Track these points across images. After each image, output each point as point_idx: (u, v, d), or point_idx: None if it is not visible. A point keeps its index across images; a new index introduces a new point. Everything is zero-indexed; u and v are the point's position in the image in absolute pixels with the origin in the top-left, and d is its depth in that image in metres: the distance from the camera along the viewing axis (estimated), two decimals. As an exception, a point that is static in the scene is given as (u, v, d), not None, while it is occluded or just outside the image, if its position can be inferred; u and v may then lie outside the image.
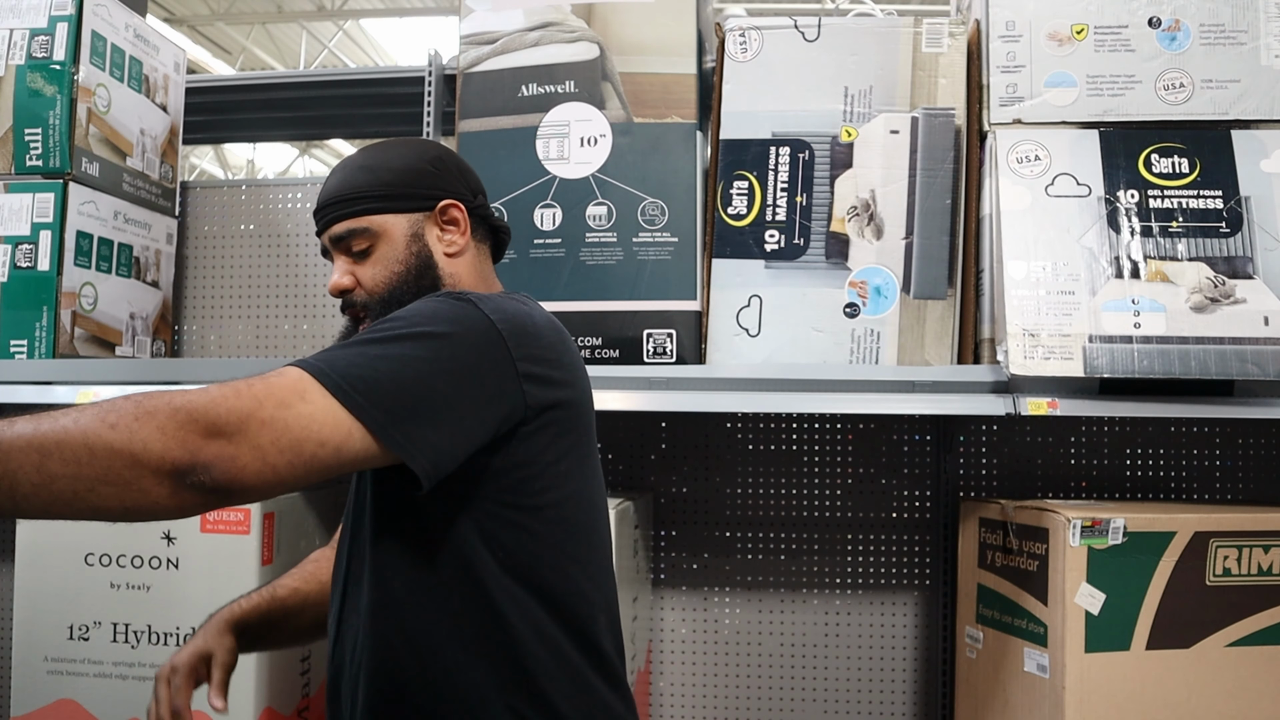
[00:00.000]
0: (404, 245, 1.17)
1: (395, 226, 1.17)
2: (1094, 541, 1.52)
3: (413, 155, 1.20)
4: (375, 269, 1.17)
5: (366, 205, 1.17)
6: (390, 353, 0.93)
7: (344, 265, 1.18)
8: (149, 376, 1.86)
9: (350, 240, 1.17)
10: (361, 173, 1.18)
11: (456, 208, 1.20)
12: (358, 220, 1.16)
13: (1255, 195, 1.63)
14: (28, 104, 1.86)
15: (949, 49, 1.77)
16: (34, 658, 1.74)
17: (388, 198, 1.17)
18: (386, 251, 1.17)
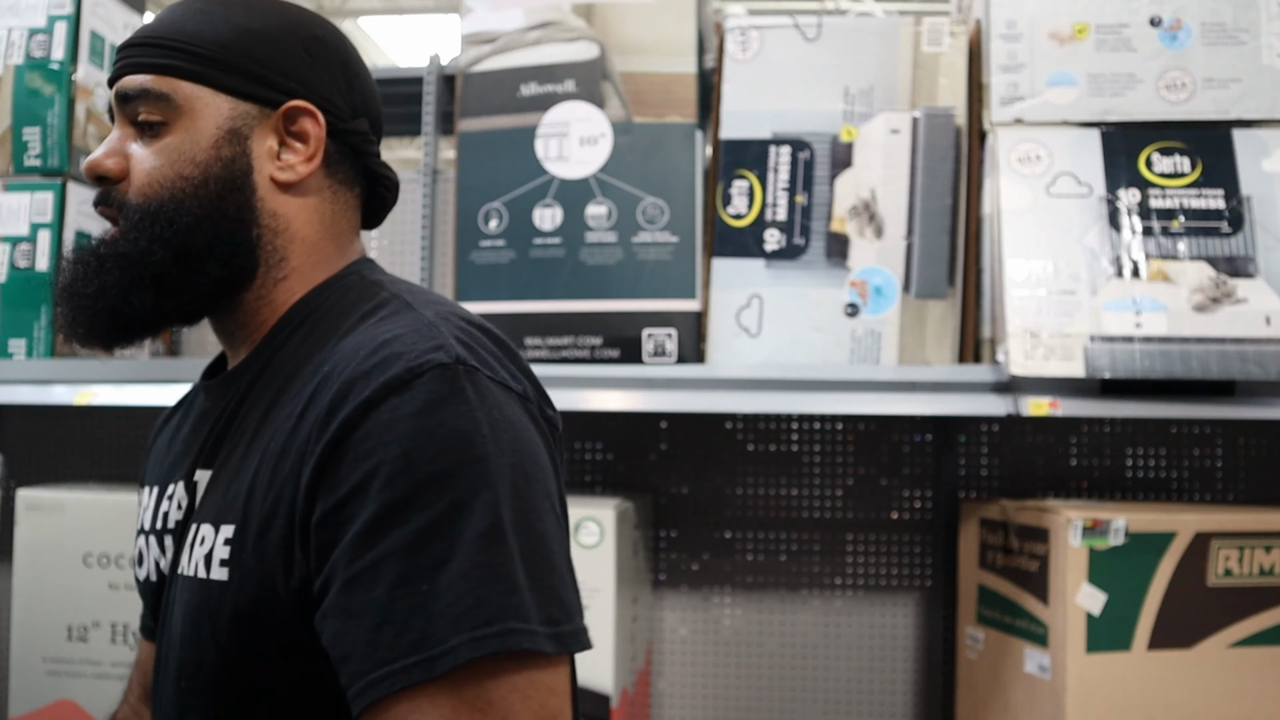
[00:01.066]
0: (212, 137, 0.79)
1: (209, 108, 0.79)
2: (1095, 542, 1.51)
3: (281, 23, 0.82)
4: (162, 159, 0.79)
5: (180, 62, 0.78)
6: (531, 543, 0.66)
7: (120, 139, 0.82)
8: (149, 376, 1.86)
9: (139, 103, 0.79)
10: (198, 18, 0.80)
11: (312, 116, 0.82)
12: (160, 79, 0.79)
13: (1257, 195, 1.62)
14: (26, 103, 1.86)
15: (949, 48, 1.76)
16: (33, 658, 1.74)
17: (214, 62, 0.79)
18: (184, 139, 0.79)
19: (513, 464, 0.67)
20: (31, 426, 2.27)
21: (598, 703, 1.63)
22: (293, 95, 0.81)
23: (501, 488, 0.65)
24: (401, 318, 0.75)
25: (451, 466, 0.64)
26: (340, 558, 0.64)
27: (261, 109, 0.81)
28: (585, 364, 1.76)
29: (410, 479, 0.64)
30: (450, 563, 0.62)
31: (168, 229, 0.77)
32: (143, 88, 0.79)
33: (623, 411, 1.70)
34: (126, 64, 0.81)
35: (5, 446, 2.28)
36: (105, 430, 2.25)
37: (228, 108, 0.80)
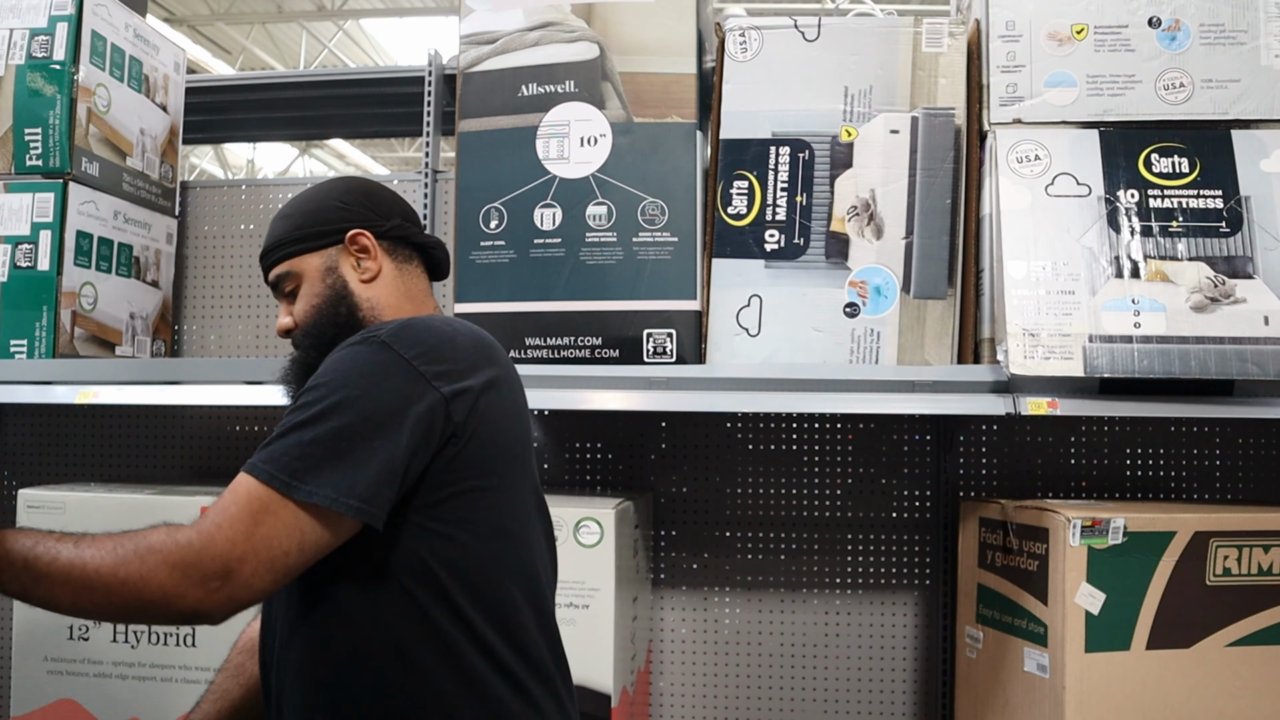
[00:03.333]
0: (320, 279, 1.25)
1: (311, 264, 1.26)
2: (1094, 541, 1.52)
3: (322, 195, 1.29)
4: (301, 305, 1.26)
5: (286, 250, 1.26)
6: (321, 433, 1.02)
7: (284, 307, 1.28)
8: (149, 376, 1.86)
9: (282, 284, 1.27)
10: (281, 221, 1.28)
11: (364, 235, 1.26)
12: (281, 265, 1.27)
13: (1255, 195, 1.63)
14: (28, 104, 1.86)
15: (949, 49, 1.77)
16: (34, 658, 1.74)
17: (301, 240, 1.26)
18: (308, 289, 1.26)
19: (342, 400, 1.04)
20: (32, 426, 2.27)
21: (598, 702, 1.63)
22: (346, 229, 1.25)
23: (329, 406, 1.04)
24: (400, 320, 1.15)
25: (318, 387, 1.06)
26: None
27: (337, 247, 1.26)
28: (585, 364, 1.76)
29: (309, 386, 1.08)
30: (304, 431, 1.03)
31: (317, 338, 1.23)
32: (278, 275, 1.27)
33: (623, 411, 1.70)
34: (265, 266, 1.28)
35: (6, 446, 2.28)
36: (105, 430, 2.25)
37: (320, 258, 1.26)
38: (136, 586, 0.96)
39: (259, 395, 1.78)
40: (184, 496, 1.73)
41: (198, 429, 2.23)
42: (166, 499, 1.73)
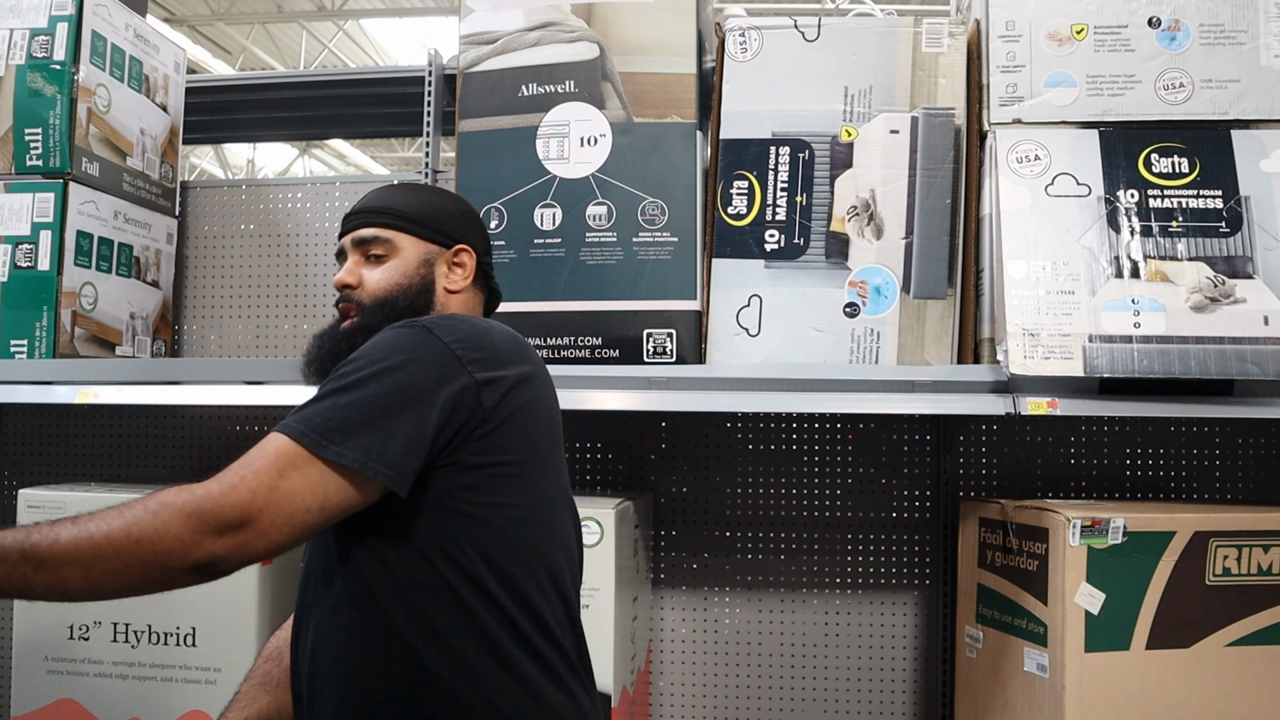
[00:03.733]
0: (414, 265, 1.32)
1: (412, 248, 1.32)
2: (1094, 541, 1.52)
3: (448, 200, 1.39)
4: (383, 274, 1.30)
5: (396, 221, 1.32)
6: (356, 398, 1.06)
7: (354, 265, 1.32)
8: (149, 376, 1.86)
9: (371, 244, 1.31)
10: (398, 195, 1.35)
11: (468, 253, 1.35)
12: (384, 230, 1.31)
13: (1255, 195, 1.63)
14: (28, 104, 1.86)
15: (949, 49, 1.77)
16: (34, 657, 1.74)
17: (416, 222, 1.33)
18: (398, 265, 1.31)
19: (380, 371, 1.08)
20: (32, 426, 2.27)
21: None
22: (458, 240, 1.34)
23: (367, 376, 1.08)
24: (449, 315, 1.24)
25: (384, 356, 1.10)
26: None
27: (441, 249, 1.33)
28: (586, 364, 1.76)
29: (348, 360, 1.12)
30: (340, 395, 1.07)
31: (389, 310, 1.28)
32: (375, 234, 1.31)
33: (623, 411, 1.69)
34: (360, 221, 1.32)
35: (6, 446, 2.28)
36: (105, 430, 2.25)
37: (422, 248, 1.32)
38: (151, 540, 0.96)
39: (259, 395, 1.78)
40: (184, 496, 1.73)
41: (198, 429, 2.23)
42: (166, 499, 1.72)
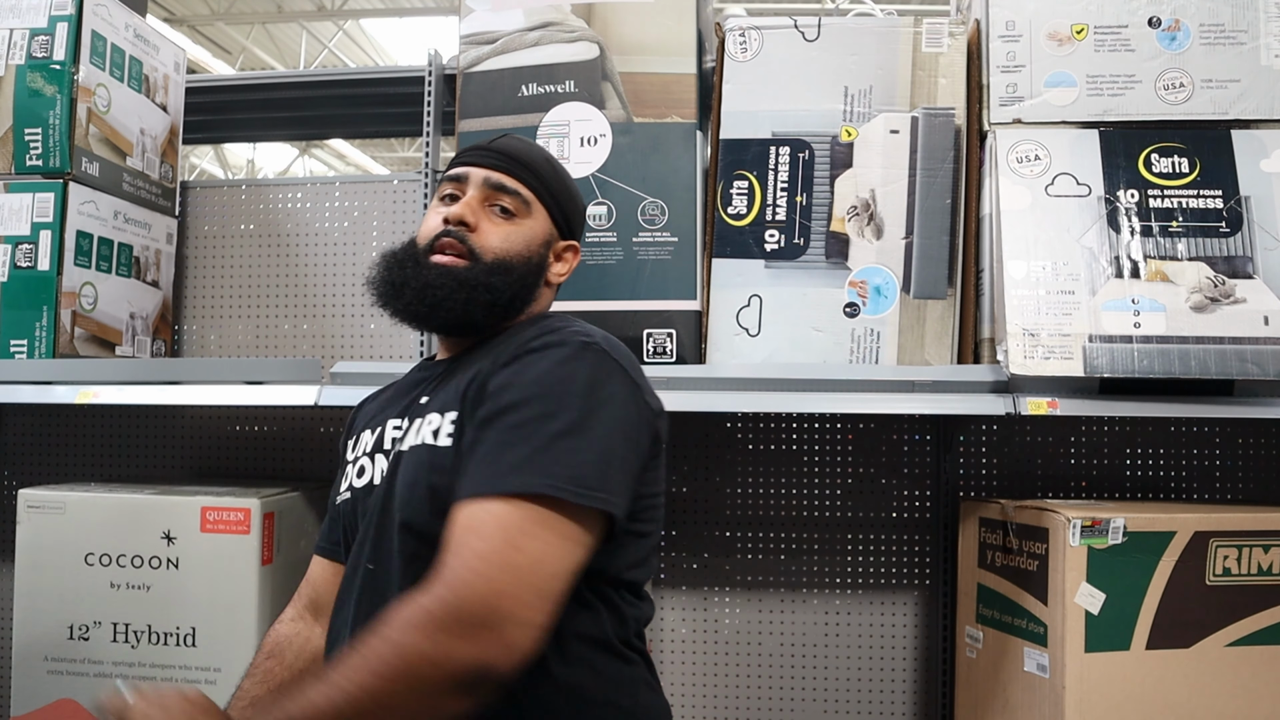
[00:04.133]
0: (539, 241, 1.22)
1: (542, 222, 1.23)
2: (1094, 541, 1.52)
3: (576, 189, 1.30)
4: (507, 233, 1.19)
5: (538, 186, 1.22)
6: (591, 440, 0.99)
7: (476, 204, 1.19)
8: (149, 376, 1.86)
9: (505, 194, 1.20)
10: (543, 159, 1.25)
11: (575, 251, 1.29)
12: (525, 188, 1.21)
13: (1255, 195, 1.63)
14: (28, 104, 1.86)
15: (949, 49, 1.77)
16: (34, 657, 1.74)
17: (555, 198, 1.24)
18: (524, 230, 1.20)
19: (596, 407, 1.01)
20: (32, 426, 2.27)
21: (598, 702, 1.63)
22: (574, 236, 1.28)
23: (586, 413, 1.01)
24: (569, 321, 1.18)
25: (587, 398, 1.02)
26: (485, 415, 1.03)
27: (558, 236, 1.25)
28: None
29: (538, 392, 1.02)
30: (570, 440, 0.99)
31: (506, 277, 1.17)
32: (515, 187, 1.20)
33: (623, 411, 1.69)
34: (501, 165, 1.21)
35: (6, 446, 2.28)
36: (105, 430, 2.25)
37: (549, 226, 1.24)
38: (404, 673, 0.85)
39: (259, 395, 1.78)
40: (184, 496, 1.73)
41: (198, 429, 2.23)
42: (166, 499, 1.73)
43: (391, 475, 1.13)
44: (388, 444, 1.18)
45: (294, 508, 1.80)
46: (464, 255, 1.16)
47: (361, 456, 1.22)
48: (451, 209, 1.18)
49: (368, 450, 1.21)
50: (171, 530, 1.71)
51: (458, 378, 1.14)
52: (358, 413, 1.35)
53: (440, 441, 1.08)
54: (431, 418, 1.12)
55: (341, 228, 2.24)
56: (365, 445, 1.22)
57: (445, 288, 1.15)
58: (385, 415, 1.23)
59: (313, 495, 1.87)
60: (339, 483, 1.27)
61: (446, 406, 1.11)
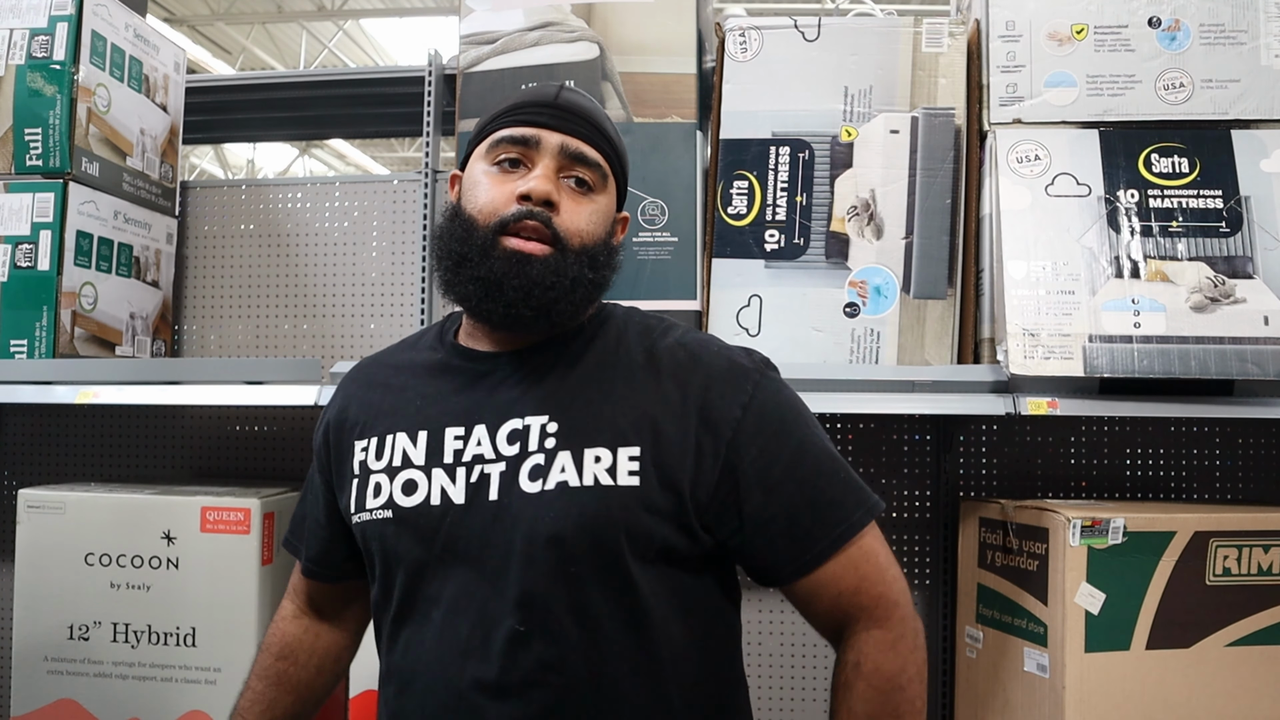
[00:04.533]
0: (608, 221, 1.09)
1: (609, 198, 1.10)
2: (1094, 541, 1.52)
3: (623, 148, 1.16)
4: (591, 213, 1.06)
5: (613, 155, 1.09)
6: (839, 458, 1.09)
7: (554, 177, 1.04)
8: (149, 376, 1.86)
9: (585, 167, 1.05)
10: (612, 126, 1.11)
11: (625, 225, 1.16)
12: (604, 159, 1.07)
13: (1255, 195, 1.63)
14: (28, 104, 1.86)
15: (949, 49, 1.77)
16: (34, 657, 1.74)
17: (623, 167, 1.12)
18: (603, 209, 1.08)
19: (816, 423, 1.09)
20: (32, 426, 2.27)
21: (598, 702, 1.63)
22: (623, 206, 1.15)
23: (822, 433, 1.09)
24: (694, 331, 1.14)
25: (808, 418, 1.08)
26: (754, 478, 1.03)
27: (617, 208, 1.13)
28: (585, 364, 1.76)
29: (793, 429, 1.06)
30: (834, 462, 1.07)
31: (604, 271, 1.07)
32: (595, 159, 1.06)
33: (623, 411, 1.69)
34: (580, 130, 1.06)
35: (6, 446, 2.28)
36: (105, 430, 2.25)
37: (613, 202, 1.11)
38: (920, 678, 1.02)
39: (259, 395, 1.78)
40: (184, 496, 1.73)
41: (198, 429, 2.23)
42: (166, 499, 1.73)
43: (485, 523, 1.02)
44: (449, 457, 1.05)
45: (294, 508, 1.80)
46: (547, 240, 1.02)
47: (404, 468, 1.07)
48: (531, 183, 1.02)
49: (415, 461, 1.07)
50: (171, 530, 1.71)
51: (585, 399, 1.04)
52: (347, 406, 1.17)
53: (622, 481, 1.00)
54: (597, 453, 1.01)
55: (341, 228, 2.24)
56: (402, 453, 1.08)
57: (558, 287, 1.02)
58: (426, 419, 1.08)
59: (313, 495, 1.87)
60: (350, 494, 1.11)
61: (617, 441, 1.02)
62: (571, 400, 1.05)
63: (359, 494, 1.10)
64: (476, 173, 1.07)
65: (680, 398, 1.04)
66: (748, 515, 1.03)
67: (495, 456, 1.04)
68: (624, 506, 1.00)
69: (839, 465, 1.07)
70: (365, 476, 1.10)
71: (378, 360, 1.22)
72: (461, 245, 1.03)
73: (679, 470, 1.02)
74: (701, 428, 1.03)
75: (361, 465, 1.11)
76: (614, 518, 1.00)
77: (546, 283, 1.01)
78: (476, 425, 1.06)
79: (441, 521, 1.04)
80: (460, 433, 1.06)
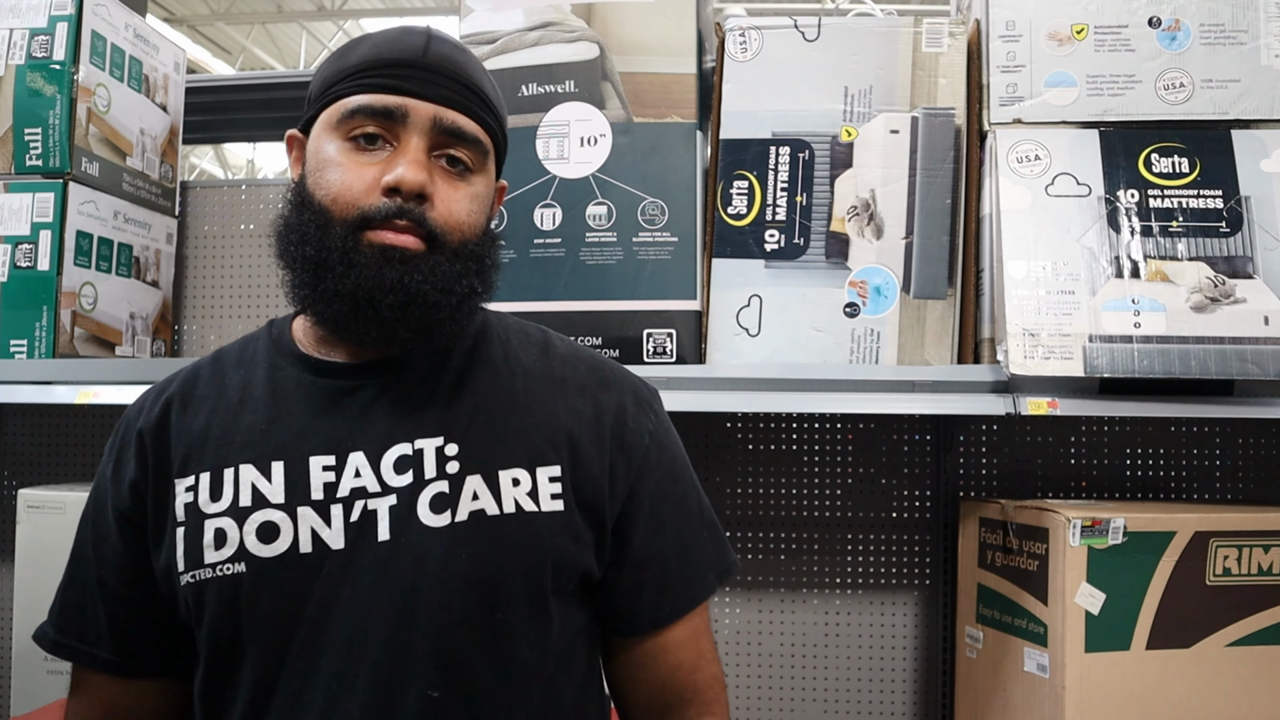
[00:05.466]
0: (489, 201, 0.91)
1: (489, 175, 0.91)
2: (1094, 541, 1.52)
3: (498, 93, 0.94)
4: (470, 200, 0.87)
5: (495, 125, 0.90)
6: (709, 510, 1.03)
7: (425, 161, 0.85)
8: (149, 376, 1.86)
9: (462, 144, 0.86)
10: (491, 82, 0.91)
11: (502, 195, 0.99)
12: (481, 131, 0.88)
13: (1255, 195, 1.63)
14: (27, 104, 1.86)
15: (949, 49, 1.77)
16: (34, 658, 1.74)
17: (504, 135, 0.92)
18: (483, 191, 0.89)
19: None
20: (32, 426, 2.27)
21: (598, 702, 1.63)
22: (501, 171, 0.96)
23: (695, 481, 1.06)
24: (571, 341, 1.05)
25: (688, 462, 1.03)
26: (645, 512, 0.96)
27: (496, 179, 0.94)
28: (585, 364, 1.76)
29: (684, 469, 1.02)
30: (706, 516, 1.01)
31: (490, 274, 0.90)
32: (476, 136, 0.87)
33: (623, 411, 1.69)
34: (453, 99, 0.86)
35: (6, 446, 2.28)
36: (106, 430, 2.25)
37: (493, 180, 0.93)
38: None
39: (259, 395, 1.78)
40: (184, 496, 1.73)
41: (198, 429, 2.23)
42: (166, 499, 1.73)
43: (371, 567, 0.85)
44: (318, 492, 0.87)
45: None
46: (420, 237, 0.85)
47: (256, 508, 0.87)
48: (400, 170, 0.83)
49: (272, 499, 0.87)
50: (171, 530, 1.71)
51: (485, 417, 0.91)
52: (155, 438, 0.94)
53: (545, 505, 0.89)
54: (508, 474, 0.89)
55: (341, 228, 2.24)
56: (251, 489, 0.88)
57: (443, 306, 0.86)
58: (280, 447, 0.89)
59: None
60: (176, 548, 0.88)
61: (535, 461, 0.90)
62: (470, 417, 0.90)
63: (189, 545, 0.88)
64: (326, 148, 0.87)
65: (594, 414, 0.94)
66: (631, 550, 0.95)
67: (381, 489, 0.86)
68: (551, 535, 0.89)
69: (713, 517, 1.02)
70: (198, 523, 0.88)
71: (187, 377, 0.98)
72: (316, 247, 0.84)
73: (598, 492, 0.92)
74: (616, 448, 0.94)
75: (189, 509, 0.89)
76: (543, 549, 0.88)
77: (429, 299, 0.84)
78: (351, 453, 0.88)
79: (316, 572, 0.85)
80: (330, 462, 0.87)
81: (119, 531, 0.95)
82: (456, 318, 0.88)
